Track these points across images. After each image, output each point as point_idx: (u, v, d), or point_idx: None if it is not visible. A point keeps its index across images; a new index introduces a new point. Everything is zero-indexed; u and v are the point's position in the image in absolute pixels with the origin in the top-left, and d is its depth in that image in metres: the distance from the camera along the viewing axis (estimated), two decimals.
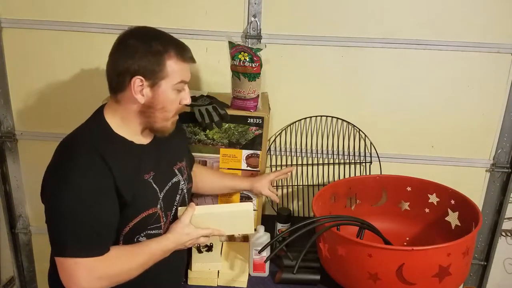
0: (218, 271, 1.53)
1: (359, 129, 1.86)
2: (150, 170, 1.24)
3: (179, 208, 1.33)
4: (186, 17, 1.77)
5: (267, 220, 1.71)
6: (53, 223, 1.13)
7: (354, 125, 1.86)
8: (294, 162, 1.92)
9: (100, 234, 1.14)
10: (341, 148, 1.89)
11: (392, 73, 1.80)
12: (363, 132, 1.86)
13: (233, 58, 1.55)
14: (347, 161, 1.90)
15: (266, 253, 1.49)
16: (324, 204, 1.61)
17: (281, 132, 1.89)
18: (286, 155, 1.92)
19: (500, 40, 1.73)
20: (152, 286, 1.31)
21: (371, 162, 1.89)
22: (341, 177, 1.90)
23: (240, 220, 1.33)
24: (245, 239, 1.70)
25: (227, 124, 1.59)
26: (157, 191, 1.26)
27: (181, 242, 1.27)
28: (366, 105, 1.84)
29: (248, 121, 1.58)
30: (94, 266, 1.11)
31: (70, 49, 1.82)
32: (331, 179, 1.92)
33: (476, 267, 2.03)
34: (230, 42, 1.55)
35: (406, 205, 1.73)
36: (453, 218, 1.62)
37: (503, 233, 2.01)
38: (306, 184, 1.94)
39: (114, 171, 1.15)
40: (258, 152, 1.62)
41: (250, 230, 1.37)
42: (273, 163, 1.91)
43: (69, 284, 1.12)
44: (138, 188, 1.20)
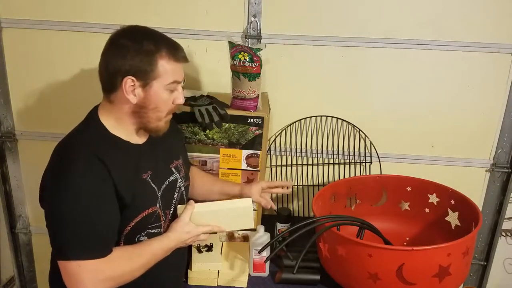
0: (218, 271, 1.53)
1: (359, 129, 1.86)
2: (148, 170, 1.24)
3: (178, 206, 1.32)
4: (186, 17, 1.77)
5: (267, 220, 1.71)
6: (55, 227, 1.12)
7: (354, 125, 1.86)
8: (294, 162, 1.92)
9: (102, 236, 1.14)
10: (341, 148, 1.89)
11: (392, 73, 1.80)
12: (363, 132, 1.86)
13: (233, 58, 1.55)
14: (347, 161, 1.90)
15: (266, 253, 1.49)
16: (324, 204, 1.61)
17: (281, 132, 1.89)
18: (286, 155, 1.92)
19: (500, 40, 1.73)
20: (154, 285, 1.30)
21: (371, 162, 1.89)
22: (341, 177, 1.90)
23: (240, 216, 1.33)
24: (245, 239, 1.70)
25: (227, 124, 1.59)
26: (156, 190, 1.25)
27: (182, 240, 1.27)
28: (366, 105, 1.84)
29: (248, 121, 1.58)
30: (99, 268, 1.11)
31: (70, 49, 1.82)
32: (331, 179, 1.92)
33: (476, 267, 2.03)
34: (230, 42, 1.55)
35: (406, 205, 1.73)
36: (453, 218, 1.62)
37: (503, 233, 2.01)
38: (306, 184, 1.94)
39: (113, 173, 1.14)
40: (258, 152, 1.62)
41: (250, 226, 1.36)
42: (273, 163, 1.91)
43: None
44: (137, 188, 1.20)
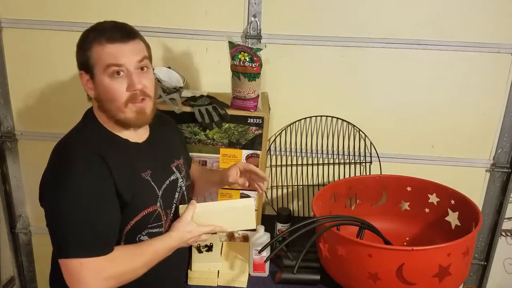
0: (218, 271, 1.53)
1: (359, 129, 1.86)
2: (147, 169, 1.24)
3: (180, 206, 1.32)
4: (186, 17, 1.76)
5: (267, 220, 1.71)
6: (55, 226, 1.12)
7: (354, 125, 1.85)
8: (294, 162, 1.92)
9: (103, 234, 1.14)
10: (341, 148, 1.89)
11: (392, 73, 1.80)
12: (363, 132, 1.86)
13: (233, 58, 1.55)
14: (347, 161, 1.90)
15: (266, 253, 1.49)
16: (324, 204, 1.61)
17: (281, 132, 1.89)
18: (286, 155, 1.92)
19: (500, 40, 1.73)
20: (155, 285, 1.30)
21: (371, 162, 1.89)
22: (341, 177, 1.90)
23: (242, 216, 1.32)
24: (245, 239, 1.70)
25: (227, 124, 1.59)
26: (156, 189, 1.25)
27: (184, 240, 1.26)
28: (366, 105, 1.84)
29: (248, 121, 1.58)
30: (100, 267, 1.10)
31: (70, 49, 1.79)
32: (331, 179, 1.92)
33: (476, 267, 2.03)
34: (230, 42, 1.55)
35: (406, 205, 1.73)
36: (453, 218, 1.62)
37: (503, 233, 2.01)
38: (306, 184, 1.94)
39: (113, 171, 1.14)
40: (258, 152, 1.62)
41: (252, 226, 1.35)
42: (273, 163, 1.91)
43: (77, 287, 1.10)
44: (137, 187, 1.20)
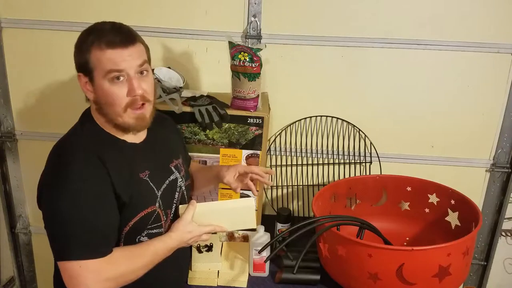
0: (218, 271, 1.53)
1: (359, 129, 1.86)
2: (145, 169, 1.23)
3: (180, 206, 1.31)
4: (186, 17, 1.76)
5: (267, 220, 1.72)
6: (54, 228, 1.12)
7: (354, 125, 1.85)
8: (294, 162, 1.92)
9: (102, 235, 1.13)
10: (341, 148, 1.89)
11: (392, 73, 1.80)
12: (363, 132, 1.86)
13: (233, 58, 1.55)
14: (347, 161, 1.90)
15: (266, 253, 1.49)
16: (324, 204, 1.61)
17: (281, 132, 1.89)
18: (286, 155, 1.92)
19: (500, 40, 1.73)
20: (156, 285, 1.30)
21: (371, 162, 1.89)
22: (341, 177, 1.90)
23: (242, 216, 1.32)
24: (245, 239, 1.70)
25: (227, 124, 1.59)
26: (154, 190, 1.25)
27: (184, 240, 1.26)
28: (366, 105, 1.84)
29: (248, 121, 1.58)
30: (100, 268, 1.10)
31: (70, 49, 1.79)
32: (331, 179, 1.92)
33: (476, 267, 2.03)
34: (230, 42, 1.55)
35: (406, 205, 1.73)
36: (453, 218, 1.62)
37: (503, 233, 2.01)
38: (306, 184, 1.93)
39: (111, 172, 1.14)
40: (258, 152, 1.62)
41: (252, 225, 1.34)
42: (273, 163, 1.91)
43: None
44: (135, 188, 1.19)
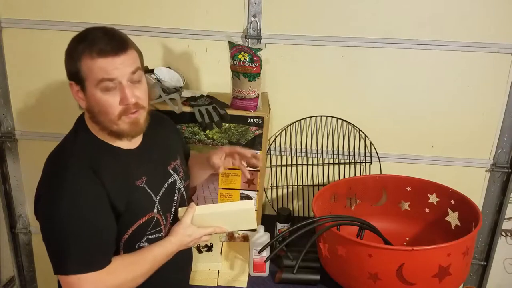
0: (218, 271, 1.53)
1: (359, 129, 1.86)
2: (142, 175, 1.20)
3: (179, 209, 1.30)
4: (186, 17, 1.76)
5: (267, 220, 1.72)
6: (51, 242, 1.10)
7: (354, 125, 1.85)
8: (294, 162, 1.92)
9: (100, 247, 1.12)
10: (341, 148, 1.89)
11: (392, 73, 1.80)
12: (363, 132, 1.86)
13: (233, 58, 1.55)
14: (347, 161, 1.90)
15: (266, 253, 1.49)
16: (324, 204, 1.61)
17: (281, 132, 1.89)
18: (286, 155, 1.92)
19: (500, 40, 1.73)
20: (160, 285, 1.29)
21: (371, 162, 1.89)
22: (341, 177, 1.90)
23: (242, 219, 1.31)
24: (245, 239, 1.70)
25: (227, 124, 1.59)
26: (152, 196, 1.22)
27: (184, 244, 1.25)
28: (366, 105, 1.84)
29: (248, 121, 1.58)
30: (100, 279, 1.09)
31: None
32: (331, 179, 1.92)
33: (476, 267, 2.03)
34: (230, 42, 1.55)
35: (406, 205, 1.73)
36: (453, 218, 1.62)
37: (503, 233, 2.01)
38: (306, 184, 1.94)
39: (106, 183, 1.11)
40: (258, 152, 1.62)
41: (253, 226, 1.33)
42: (273, 163, 1.91)
43: None
44: (132, 196, 1.17)
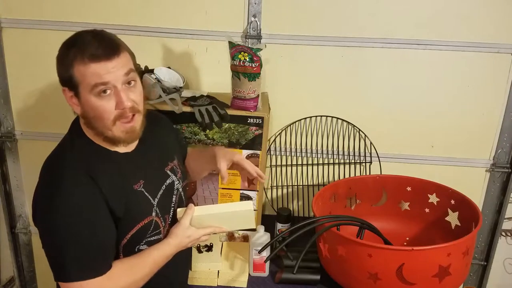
0: (218, 271, 1.53)
1: (359, 129, 1.86)
2: (140, 179, 1.19)
3: (178, 210, 1.29)
4: (186, 17, 1.76)
5: (267, 220, 1.72)
6: (51, 250, 1.10)
7: (354, 125, 1.85)
8: (294, 162, 1.92)
9: (100, 253, 1.12)
10: (341, 148, 1.89)
11: (392, 73, 1.80)
12: (363, 132, 1.86)
13: (233, 58, 1.55)
14: (347, 161, 1.90)
15: (266, 253, 1.49)
16: (324, 204, 1.61)
17: (281, 132, 1.89)
18: (286, 155, 1.92)
19: (500, 40, 1.73)
20: (159, 285, 1.28)
21: (371, 162, 1.89)
22: (341, 177, 1.90)
23: (241, 219, 1.31)
24: (245, 239, 1.70)
25: (227, 124, 1.59)
26: (150, 199, 1.21)
27: (183, 245, 1.25)
28: (366, 105, 1.84)
29: (248, 121, 1.58)
30: (100, 286, 1.09)
31: None
32: (331, 179, 1.92)
33: (476, 267, 2.03)
34: (230, 42, 1.55)
35: (406, 205, 1.73)
36: (453, 218, 1.62)
37: (503, 233, 2.01)
38: (306, 184, 1.94)
39: (104, 189, 1.11)
40: (258, 152, 1.62)
41: (252, 226, 1.33)
42: (273, 163, 1.91)
43: None
44: (130, 201, 1.16)
